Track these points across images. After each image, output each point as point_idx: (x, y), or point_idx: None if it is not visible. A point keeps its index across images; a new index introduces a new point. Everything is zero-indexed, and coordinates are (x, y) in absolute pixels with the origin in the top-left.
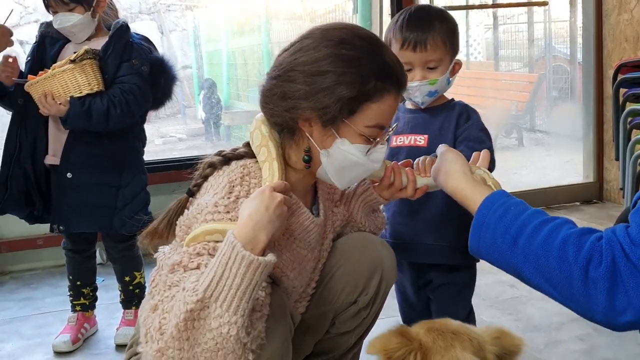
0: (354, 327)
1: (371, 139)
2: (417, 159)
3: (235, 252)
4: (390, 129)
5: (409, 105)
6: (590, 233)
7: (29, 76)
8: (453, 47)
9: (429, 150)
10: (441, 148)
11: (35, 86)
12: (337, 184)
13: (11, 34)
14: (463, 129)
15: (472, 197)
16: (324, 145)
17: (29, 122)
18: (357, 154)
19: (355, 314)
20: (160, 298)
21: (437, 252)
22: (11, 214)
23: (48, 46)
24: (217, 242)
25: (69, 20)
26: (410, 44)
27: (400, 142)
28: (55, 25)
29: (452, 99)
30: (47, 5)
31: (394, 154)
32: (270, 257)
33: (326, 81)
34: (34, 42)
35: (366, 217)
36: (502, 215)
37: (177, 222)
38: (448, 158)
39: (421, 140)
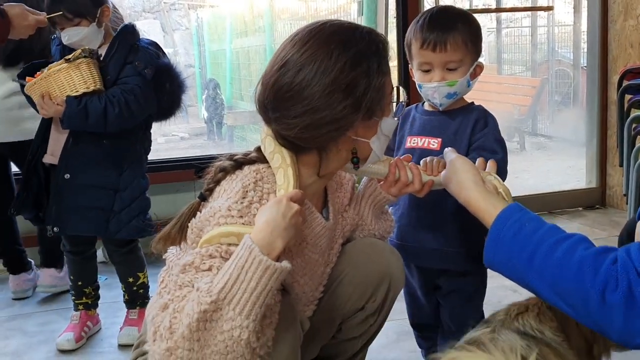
0: (361, 333)
1: (393, 100)
2: (424, 158)
3: (253, 255)
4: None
5: (427, 106)
6: (606, 253)
7: (27, 78)
8: (475, 49)
9: (441, 154)
10: (450, 154)
11: (34, 87)
12: (381, 157)
13: (38, 24)
14: (479, 136)
15: (485, 210)
16: (372, 134)
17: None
18: (393, 121)
19: (362, 321)
20: (170, 297)
21: (443, 257)
22: (23, 215)
23: (67, 51)
24: (231, 244)
25: (77, 35)
26: (430, 43)
27: (414, 143)
28: (65, 42)
29: (472, 103)
30: (53, 23)
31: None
32: (286, 263)
33: (361, 84)
34: (56, 44)
35: (376, 220)
36: (517, 232)
37: (189, 224)
38: (459, 167)
39: (434, 143)
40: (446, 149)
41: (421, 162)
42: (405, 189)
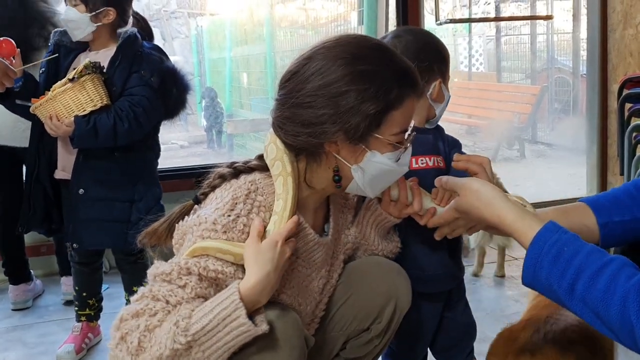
0: (365, 354)
1: (399, 145)
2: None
3: (237, 314)
4: (411, 131)
5: None
6: None
7: (32, 99)
8: None
9: (448, 171)
10: (456, 179)
11: (40, 109)
12: (370, 194)
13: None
14: (450, 143)
15: (522, 231)
16: (355, 161)
17: (46, 136)
18: (389, 163)
19: (367, 341)
20: (143, 307)
21: (443, 279)
22: (33, 230)
23: (62, 57)
24: (219, 259)
25: (69, 15)
26: None
27: (422, 164)
28: (61, 17)
29: None
30: None
31: (420, 177)
32: (264, 327)
33: (350, 101)
34: (47, 51)
35: (380, 239)
36: (555, 257)
37: (176, 225)
38: (478, 188)
39: (440, 162)
40: (444, 177)
41: (432, 190)
42: (405, 210)
